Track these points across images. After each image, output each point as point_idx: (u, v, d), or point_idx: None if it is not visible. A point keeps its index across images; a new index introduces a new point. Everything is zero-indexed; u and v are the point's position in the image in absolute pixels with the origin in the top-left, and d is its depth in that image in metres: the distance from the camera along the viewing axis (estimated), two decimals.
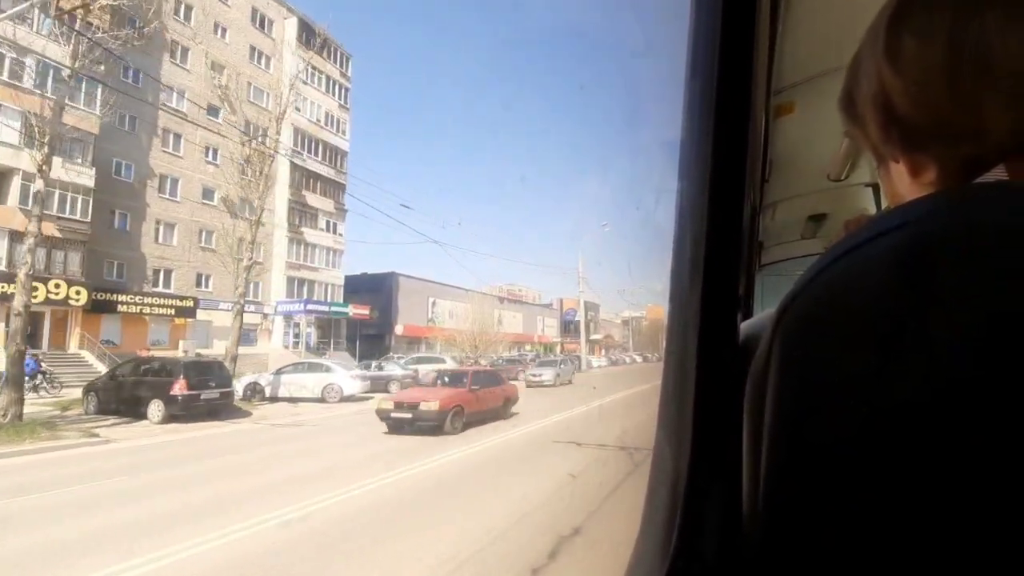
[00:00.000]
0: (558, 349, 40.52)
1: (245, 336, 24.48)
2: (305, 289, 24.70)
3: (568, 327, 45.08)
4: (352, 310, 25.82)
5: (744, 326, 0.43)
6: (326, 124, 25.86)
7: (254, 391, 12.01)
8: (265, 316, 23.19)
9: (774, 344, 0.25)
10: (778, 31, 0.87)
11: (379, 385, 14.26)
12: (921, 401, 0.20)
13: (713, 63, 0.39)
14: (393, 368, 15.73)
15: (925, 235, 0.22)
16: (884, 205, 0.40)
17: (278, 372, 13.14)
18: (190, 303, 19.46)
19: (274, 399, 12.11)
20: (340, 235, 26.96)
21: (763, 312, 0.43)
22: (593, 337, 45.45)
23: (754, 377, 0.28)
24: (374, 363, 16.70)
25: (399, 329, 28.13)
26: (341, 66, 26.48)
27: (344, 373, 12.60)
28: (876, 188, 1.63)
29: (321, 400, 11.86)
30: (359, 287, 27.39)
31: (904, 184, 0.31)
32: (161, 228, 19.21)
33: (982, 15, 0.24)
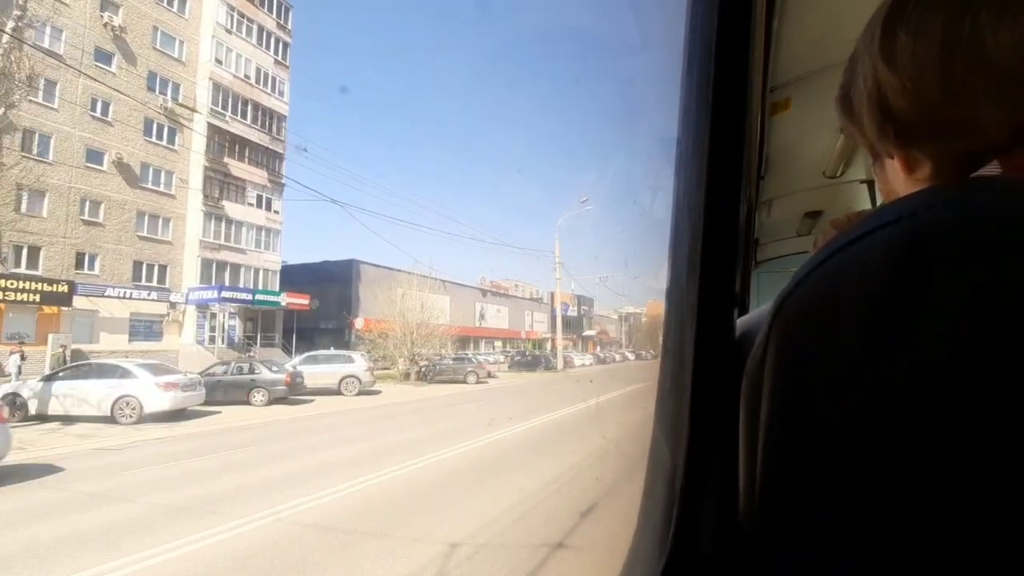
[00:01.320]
0: (548, 346, 39.40)
1: (147, 329, 20.39)
2: (227, 274, 21.77)
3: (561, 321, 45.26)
4: (286, 299, 22.90)
5: (740, 322, 0.46)
6: (257, 81, 23.13)
7: (13, 406, 8.53)
8: (173, 305, 20.11)
9: (770, 339, 0.27)
10: (774, 27, 0.90)
11: (237, 395, 10.84)
12: (917, 394, 0.22)
13: (710, 59, 0.42)
14: (262, 371, 11.37)
15: (921, 229, 0.23)
16: (879, 202, 0.43)
17: (48, 378, 9.23)
18: (64, 288, 16.28)
19: (43, 418, 8.67)
20: (276, 212, 24.07)
21: (759, 308, 0.46)
22: (586, 333, 44.46)
23: (750, 372, 0.31)
24: (233, 363, 12.37)
25: (359, 323, 25.36)
26: (279, 16, 24.15)
27: (149, 380, 8.80)
28: (871, 185, 1.74)
29: (111, 420, 8.49)
30: (316, 276, 25.00)
31: (899, 181, 0.33)
32: (25, 195, 15.63)
33: (975, 12, 0.26)
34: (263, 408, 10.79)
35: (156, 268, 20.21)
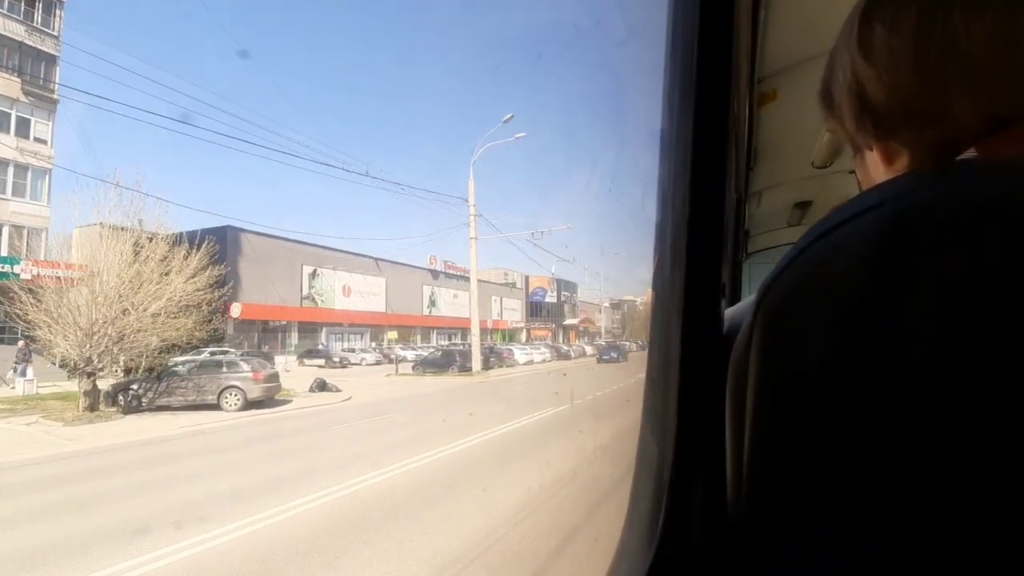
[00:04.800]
0: (523, 336, 39.54)
1: None
2: None
3: (538, 309, 43.83)
4: (32, 270, 14.63)
5: (728, 313, 0.52)
6: None
7: None
8: None
9: (754, 327, 0.32)
10: (760, 18, 1.06)
11: None
12: (899, 376, 0.25)
13: (692, 50, 0.48)
14: None
15: (902, 212, 0.27)
16: None
17: None
18: None
19: None
20: (42, 142, 17.94)
21: (747, 299, 0.51)
22: (567, 322, 45.24)
23: (736, 362, 0.35)
24: None
25: (236, 310, 21.44)
26: None
27: None
28: None
29: None
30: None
31: (879, 171, 0.40)
32: None
33: (948, 5, 0.32)
34: None
35: None
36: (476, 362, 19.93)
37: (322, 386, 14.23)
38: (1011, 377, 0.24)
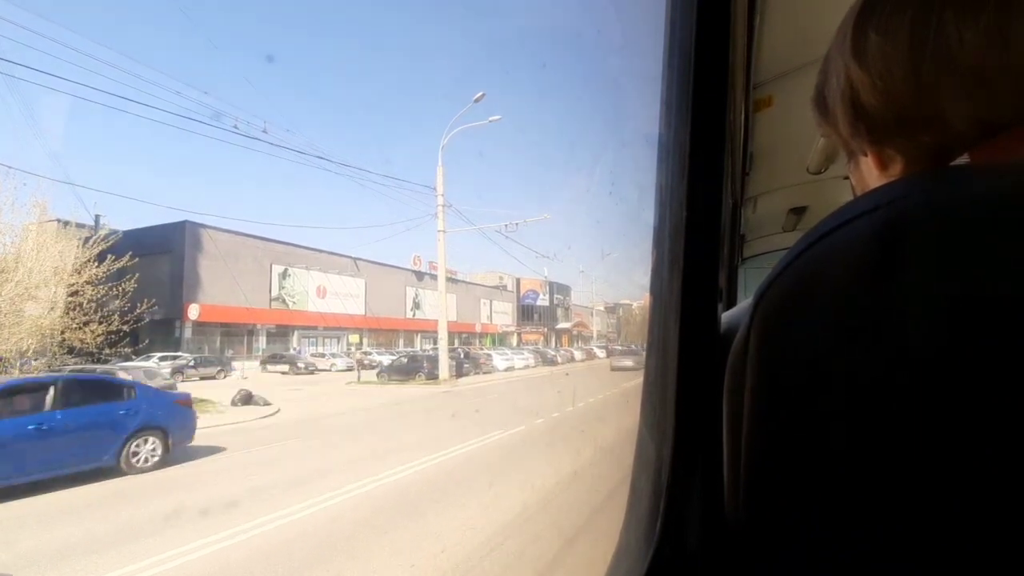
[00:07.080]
0: (514, 340, 38.51)
1: None
2: None
3: (530, 313, 42.89)
4: None
5: (725, 316, 0.54)
6: None
7: None
8: None
9: (752, 330, 0.33)
10: (756, 25, 1.10)
11: None
12: (896, 380, 0.26)
13: (689, 57, 0.50)
14: None
15: (898, 216, 0.28)
16: None
17: None
18: None
19: None
20: None
21: (743, 302, 0.52)
22: (560, 326, 44.62)
23: (732, 364, 0.37)
24: None
25: (194, 311, 20.94)
26: None
27: None
28: None
29: None
30: (138, 245, 16.28)
31: (873, 177, 0.41)
32: None
33: (941, 11, 0.33)
34: None
35: None
36: (443, 369, 17.86)
37: (247, 399, 12.60)
38: (1008, 381, 0.24)
